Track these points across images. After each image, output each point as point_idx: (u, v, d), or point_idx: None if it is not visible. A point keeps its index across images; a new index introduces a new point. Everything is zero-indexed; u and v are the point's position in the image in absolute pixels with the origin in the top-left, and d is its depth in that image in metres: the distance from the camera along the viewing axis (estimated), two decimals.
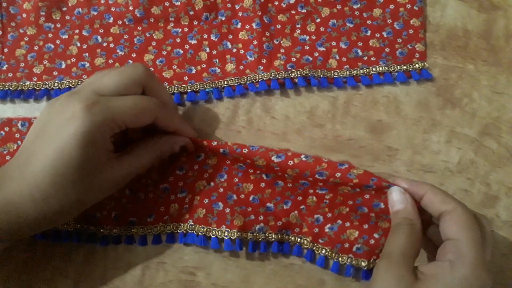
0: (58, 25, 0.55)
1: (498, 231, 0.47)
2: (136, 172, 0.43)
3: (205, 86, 0.51)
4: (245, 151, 0.45)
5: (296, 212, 0.45)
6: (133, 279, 0.46)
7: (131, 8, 0.53)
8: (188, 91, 0.51)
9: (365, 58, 0.51)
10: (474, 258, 0.36)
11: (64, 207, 0.39)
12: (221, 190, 0.46)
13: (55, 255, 0.47)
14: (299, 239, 0.45)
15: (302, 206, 0.45)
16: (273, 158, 0.44)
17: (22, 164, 0.38)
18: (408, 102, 0.50)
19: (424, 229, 0.41)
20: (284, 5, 0.53)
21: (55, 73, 0.52)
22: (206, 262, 0.46)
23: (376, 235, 0.42)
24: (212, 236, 0.45)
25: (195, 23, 0.54)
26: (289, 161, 0.44)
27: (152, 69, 0.52)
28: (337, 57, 0.52)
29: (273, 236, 0.45)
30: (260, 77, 0.51)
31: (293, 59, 0.52)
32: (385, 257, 0.39)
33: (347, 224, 0.44)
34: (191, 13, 0.53)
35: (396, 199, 0.42)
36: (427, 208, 0.41)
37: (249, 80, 0.51)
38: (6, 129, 0.51)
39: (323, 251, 0.44)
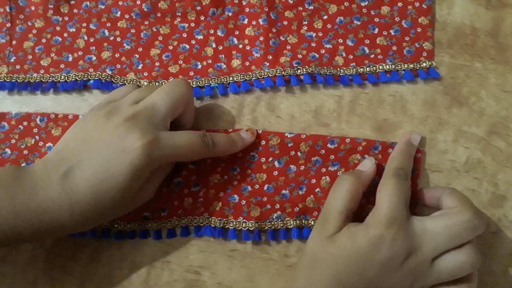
0: (66, 18, 0.49)
1: (506, 231, 0.41)
2: (156, 190, 0.41)
3: (211, 81, 0.45)
4: (259, 131, 0.43)
5: (312, 196, 0.42)
6: (138, 278, 0.41)
7: (138, 2, 0.48)
8: (194, 86, 0.45)
9: (372, 56, 0.45)
10: (380, 215, 0.35)
11: (99, 221, 0.37)
12: (235, 183, 0.42)
13: (61, 254, 0.42)
14: None
15: (317, 189, 0.42)
16: (287, 134, 0.42)
17: (64, 174, 0.35)
18: (414, 101, 0.44)
19: None
20: (291, 2, 0.47)
21: (62, 65, 0.47)
22: (211, 262, 0.41)
23: None
24: (230, 228, 0.41)
25: (202, 18, 0.47)
26: (302, 135, 0.42)
27: (158, 63, 0.46)
28: (344, 55, 0.45)
29: (292, 222, 0.41)
30: (265, 74, 0.44)
31: (299, 56, 0.45)
32: (320, 214, 0.39)
33: (363, 201, 0.40)
34: (198, 8, 0.47)
35: (364, 165, 0.41)
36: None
37: (254, 76, 0.45)
38: (25, 123, 0.45)
39: None
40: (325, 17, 0.46)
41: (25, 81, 0.46)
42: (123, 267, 0.41)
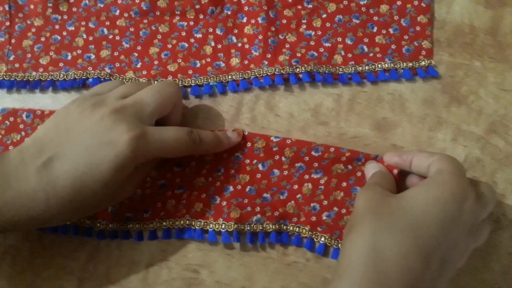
0: (65, 17, 0.49)
1: (505, 230, 0.41)
2: (137, 187, 0.41)
3: (209, 80, 0.45)
4: (245, 133, 0.43)
5: (293, 202, 0.41)
6: (137, 276, 0.41)
7: (137, 1, 0.48)
8: (192, 84, 0.45)
9: (371, 54, 0.45)
10: (455, 171, 0.33)
11: (76, 215, 0.37)
12: (218, 183, 0.42)
13: (59, 253, 0.42)
14: (297, 229, 0.40)
15: (298, 195, 0.41)
16: (272, 138, 0.42)
17: (43, 165, 0.33)
18: (413, 100, 0.44)
19: None
20: (290, 0, 0.47)
21: (61, 64, 0.47)
22: (210, 260, 0.41)
23: None
24: (209, 229, 0.40)
25: (201, 16, 0.47)
26: (287, 140, 0.42)
27: (157, 62, 0.46)
28: (343, 53, 0.45)
29: (271, 226, 0.40)
30: (264, 72, 0.44)
31: (298, 55, 0.45)
32: (361, 189, 0.37)
33: (343, 210, 0.40)
34: (197, 6, 0.47)
35: (370, 167, 0.40)
36: (417, 169, 0.37)
37: (253, 75, 0.45)
38: (11, 119, 0.45)
39: (322, 239, 0.40)
40: (324, 15, 0.46)
41: (24, 79, 0.46)
42: (121, 265, 0.41)
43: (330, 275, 0.40)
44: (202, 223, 0.40)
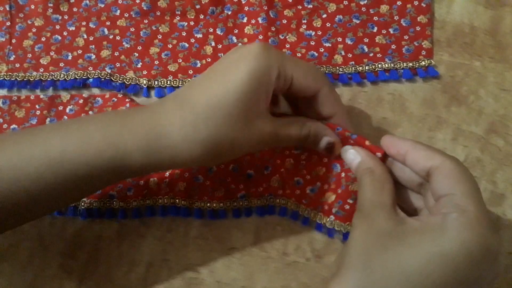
0: (66, 17, 0.48)
1: (505, 229, 0.41)
2: (280, 140, 0.35)
3: None
4: None
5: (277, 175, 0.41)
6: (137, 276, 0.41)
7: (138, 1, 0.48)
8: None
9: (371, 54, 0.45)
10: (473, 213, 0.27)
11: (217, 147, 0.32)
12: None
13: (59, 252, 0.42)
14: (283, 201, 0.41)
15: (282, 170, 0.41)
16: None
17: (181, 97, 0.33)
18: (413, 100, 0.44)
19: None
20: (290, 0, 0.47)
21: (61, 64, 0.47)
22: (210, 260, 0.41)
23: (350, 200, 0.38)
24: (195, 207, 0.41)
25: (201, 17, 0.47)
26: None
27: (157, 62, 0.46)
28: (343, 53, 0.45)
29: (256, 201, 0.41)
30: None
31: (299, 55, 0.45)
32: (357, 211, 0.32)
33: (326, 186, 0.40)
34: (198, 7, 0.47)
35: (350, 157, 0.35)
36: (412, 168, 0.32)
37: None
38: None
39: (306, 212, 0.40)
40: (324, 15, 0.46)
41: (25, 79, 0.46)
42: (122, 265, 0.41)
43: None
44: (187, 202, 0.41)
